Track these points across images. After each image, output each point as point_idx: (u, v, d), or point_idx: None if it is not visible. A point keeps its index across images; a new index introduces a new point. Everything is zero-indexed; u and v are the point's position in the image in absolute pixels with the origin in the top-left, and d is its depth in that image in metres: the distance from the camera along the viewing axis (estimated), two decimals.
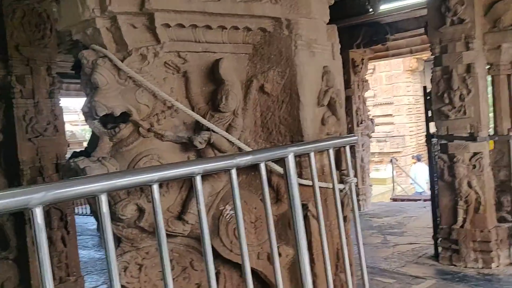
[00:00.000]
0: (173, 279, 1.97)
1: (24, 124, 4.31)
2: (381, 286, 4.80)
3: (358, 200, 9.02)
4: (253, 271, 2.06)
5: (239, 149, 1.99)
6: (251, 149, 2.00)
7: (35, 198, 0.98)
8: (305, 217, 2.08)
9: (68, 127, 14.93)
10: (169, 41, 1.91)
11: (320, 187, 2.16)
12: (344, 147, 2.23)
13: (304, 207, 2.08)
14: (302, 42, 2.08)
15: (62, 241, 4.54)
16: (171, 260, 1.98)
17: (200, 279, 2.03)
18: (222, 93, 1.96)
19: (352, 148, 9.85)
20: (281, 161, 1.82)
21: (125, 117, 1.88)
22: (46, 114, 4.47)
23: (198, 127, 1.97)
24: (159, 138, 1.89)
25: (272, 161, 1.98)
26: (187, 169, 1.36)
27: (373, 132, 9.72)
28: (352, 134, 2.29)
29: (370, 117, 9.67)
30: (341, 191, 2.35)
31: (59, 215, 4.52)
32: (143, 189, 1.78)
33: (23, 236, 4.20)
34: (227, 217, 1.92)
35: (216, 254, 1.98)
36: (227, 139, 1.95)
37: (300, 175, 2.09)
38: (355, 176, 2.31)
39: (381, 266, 5.50)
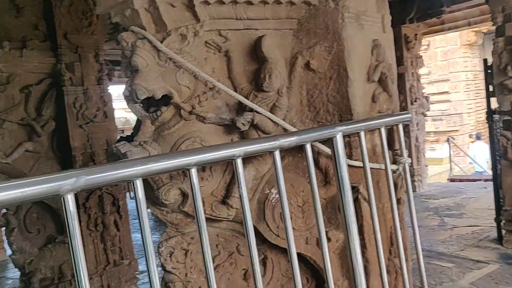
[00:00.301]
0: (219, 264, 1.93)
1: (74, 111, 4.40)
2: (439, 271, 4.59)
3: (413, 181, 8.70)
4: (302, 256, 1.99)
5: (284, 130, 1.90)
6: (297, 130, 1.90)
7: (66, 185, 0.94)
8: (356, 200, 1.98)
9: (122, 114, 15.35)
10: (209, 19, 1.84)
11: (371, 168, 2.04)
12: (397, 125, 2.09)
13: (355, 189, 1.97)
14: (349, 15, 1.95)
15: (115, 225, 4.65)
16: (216, 245, 1.94)
17: (247, 265, 1.98)
18: (265, 71, 1.87)
19: (406, 127, 9.48)
20: (329, 142, 1.71)
21: (167, 100, 1.84)
22: (95, 101, 4.53)
23: (241, 108, 1.89)
24: (201, 121, 1.84)
25: (320, 142, 1.89)
26: (227, 152, 1.29)
27: (428, 110, 9.28)
28: (405, 112, 2.14)
29: (425, 95, 9.25)
30: (394, 172, 2.22)
31: (111, 200, 4.62)
32: (186, 173, 1.74)
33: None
34: (273, 201, 1.85)
35: (263, 239, 1.92)
36: (271, 120, 1.86)
37: (349, 156, 1.98)
38: (409, 156, 2.17)
39: (438, 249, 5.26)
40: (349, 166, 1.99)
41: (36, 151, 4.18)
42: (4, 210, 4.06)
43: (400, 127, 2.09)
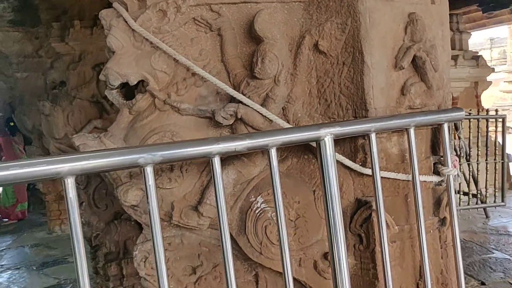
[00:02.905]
0: (202, 276, 1.69)
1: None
2: None
3: None
4: (295, 280, 1.65)
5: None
6: (291, 126, 1.54)
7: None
8: (368, 219, 1.57)
9: None
10: None
11: (398, 179, 1.62)
12: (440, 125, 1.62)
13: (367, 205, 1.57)
14: None
15: None
16: (198, 255, 1.69)
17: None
18: (258, 54, 1.54)
19: None
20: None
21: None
22: None
23: (234, 98, 1.59)
24: (177, 112, 1.58)
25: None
26: (130, 157, 1.02)
27: None
28: (453, 108, 1.65)
29: None
30: (439, 184, 1.76)
31: None
32: None
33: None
34: (256, 211, 1.53)
35: None
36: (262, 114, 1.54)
37: (363, 163, 1.57)
38: None
39: None
40: (364, 175, 1.59)
41: (105, 128, 4.25)
42: None
43: (445, 128, 1.62)
